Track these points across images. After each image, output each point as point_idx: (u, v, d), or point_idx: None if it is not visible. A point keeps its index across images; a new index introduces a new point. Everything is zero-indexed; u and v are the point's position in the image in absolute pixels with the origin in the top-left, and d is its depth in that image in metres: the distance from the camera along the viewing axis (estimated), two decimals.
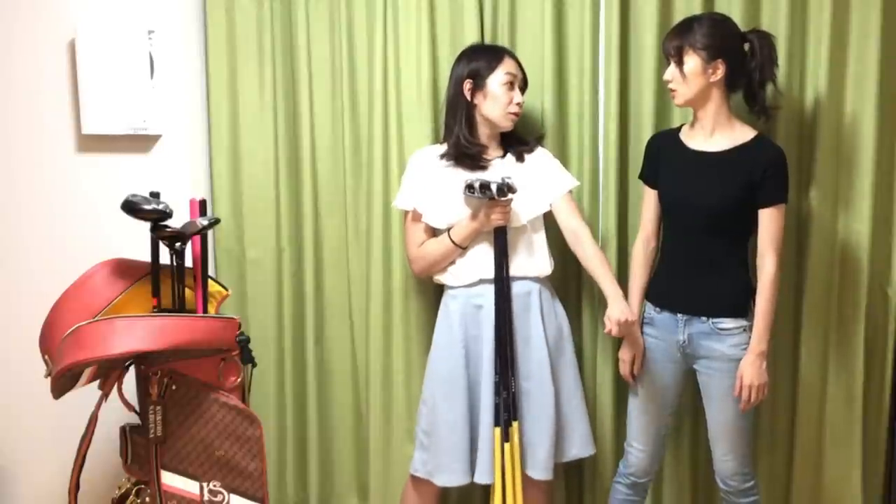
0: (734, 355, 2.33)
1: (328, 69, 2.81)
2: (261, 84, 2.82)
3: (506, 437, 2.44)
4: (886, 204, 2.59)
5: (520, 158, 2.57)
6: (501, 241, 2.46)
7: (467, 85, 2.50)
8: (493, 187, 2.35)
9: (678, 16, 2.56)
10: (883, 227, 2.59)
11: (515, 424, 2.45)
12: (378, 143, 2.78)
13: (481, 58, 2.51)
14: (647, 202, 2.51)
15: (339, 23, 2.79)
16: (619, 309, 2.39)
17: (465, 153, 2.53)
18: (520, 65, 2.55)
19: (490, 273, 2.48)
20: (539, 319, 2.51)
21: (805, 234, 2.60)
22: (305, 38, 2.79)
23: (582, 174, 2.70)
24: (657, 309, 2.45)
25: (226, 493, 2.32)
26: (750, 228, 2.35)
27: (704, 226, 2.34)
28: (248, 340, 2.33)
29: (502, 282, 2.46)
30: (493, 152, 2.58)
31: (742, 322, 2.33)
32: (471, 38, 2.68)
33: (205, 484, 2.31)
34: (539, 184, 2.54)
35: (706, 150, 2.36)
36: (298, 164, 2.85)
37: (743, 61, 2.33)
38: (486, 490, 2.61)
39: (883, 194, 2.57)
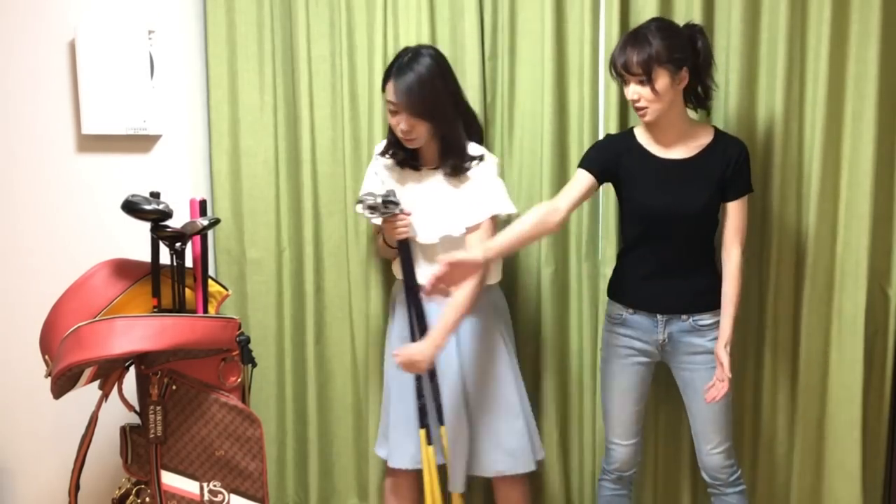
0: (714, 348, 2.35)
1: (328, 69, 2.81)
2: (261, 84, 2.82)
3: (429, 440, 2.51)
4: (886, 204, 2.59)
5: (453, 173, 2.48)
6: (405, 252, 2.49)
7: None
8: (379, 201, 2.40)
9: (678, 16, 2.56)
10: (883, 226, 2.59)
11: (443, 429, 2.52)
12: (378, 143, 2.78)
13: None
14: (578, 184, 2.32)
15: (339, 23, 2.78)
16: (419, 350, 2.37)
17: (396, 161, 2.54)
18: (408, 90, 2.34)
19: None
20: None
21: (805, 234, 2.60)
22: (305, 38, 2.78)
23: None
24: (629, 310, 2.43)
25: (226, 493, 2.32)
26: (717, 223, 2.37)
27: (684, 232, 2.34)
28: (248, 340, 2.33)
29: (411, 291, 2.49)
30: (428, 163, 2.52)
31: (718, 316, 2.36)
32: (471, 38, 2.68)
33: (205, 484, 2.32)
34: (460, 204, 2.47)
35: (675, 157, 2.34)
36: (298, 164, 2.85)
37: (696, 61, 2.29)
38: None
39: (883, 194, 2.57)
